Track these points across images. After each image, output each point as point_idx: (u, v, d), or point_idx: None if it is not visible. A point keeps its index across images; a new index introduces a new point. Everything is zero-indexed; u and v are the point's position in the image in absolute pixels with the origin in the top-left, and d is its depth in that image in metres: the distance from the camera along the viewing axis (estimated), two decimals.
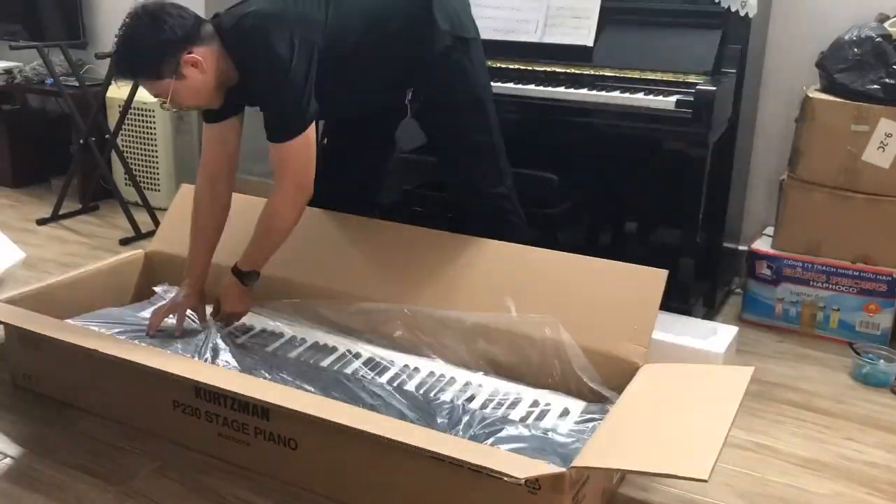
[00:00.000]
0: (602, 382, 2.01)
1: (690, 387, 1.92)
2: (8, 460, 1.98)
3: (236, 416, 1.91)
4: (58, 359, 2.18)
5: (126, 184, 4.00)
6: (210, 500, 1.84)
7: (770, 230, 2.84)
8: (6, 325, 2.21)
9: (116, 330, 2.23)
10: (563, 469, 1.57)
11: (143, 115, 3.86)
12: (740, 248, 2.99)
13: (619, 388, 1.90)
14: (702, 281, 2.75)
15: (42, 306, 2.23)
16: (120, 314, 2.38)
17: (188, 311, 2.25)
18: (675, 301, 2.58)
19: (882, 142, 2.53)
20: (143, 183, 3.96)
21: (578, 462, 1.59)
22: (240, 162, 4.13)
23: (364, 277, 2.34)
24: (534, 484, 1.59)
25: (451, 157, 2.35)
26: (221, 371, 2.05)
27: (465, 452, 1.63)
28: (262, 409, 1.86)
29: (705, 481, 1.47)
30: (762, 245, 2.79)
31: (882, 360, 2.43)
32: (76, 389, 2.18)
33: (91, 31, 4.29)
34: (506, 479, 1.55)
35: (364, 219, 2.46)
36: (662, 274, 2.02)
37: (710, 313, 2.83)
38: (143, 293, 2.58)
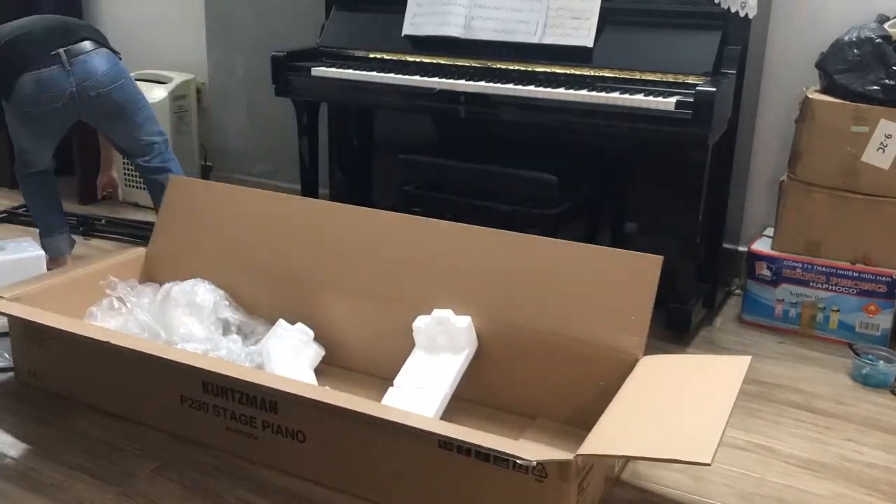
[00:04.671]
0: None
1: (690, 376, 1.94)
2: (7, 460, 1.98)
3: (244, 410, 1.93)
4: (64, 355, 2.20)
5: (126, 184, 4.01)
6: (210, 500, 1.84)
7: (770, 231, 2.84)
8: (12, 322, 2.24)
9: None
10: (570, 456, 1.58)
11: None
12: (740, 248, 2.99)
13: (620, 381, 1.91)
14: (701, 282, 2.75)
15: (44, 305, 2.23)
16: None
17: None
18: (675, 302, 2.58)
19: (882, 143, 2.53)
20: (143, 184, 3.96)
21: (584, 449, 1.60)
22: (239, 162, 4.16)
23: (352, 266, 2.34)
24: (540, 471, 1.60)
25: None
26: (229, 364, 2.07)
27: (474, 437, 1.65)
28: (270, 402, 1.88)
29: (708, 465, 1.49)
30: (762, 246, 2.79)
31: (882, 361, 2.43)
32: (82, 386, 2.20)
33: None
34: (518, 461, 1.57)
35: (355, 208, 2.48)
36: (657, 260, 2.02)
37: (710, 314, 2.83)
38: None
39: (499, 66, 2.72)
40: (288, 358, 2.20)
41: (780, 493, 1.91)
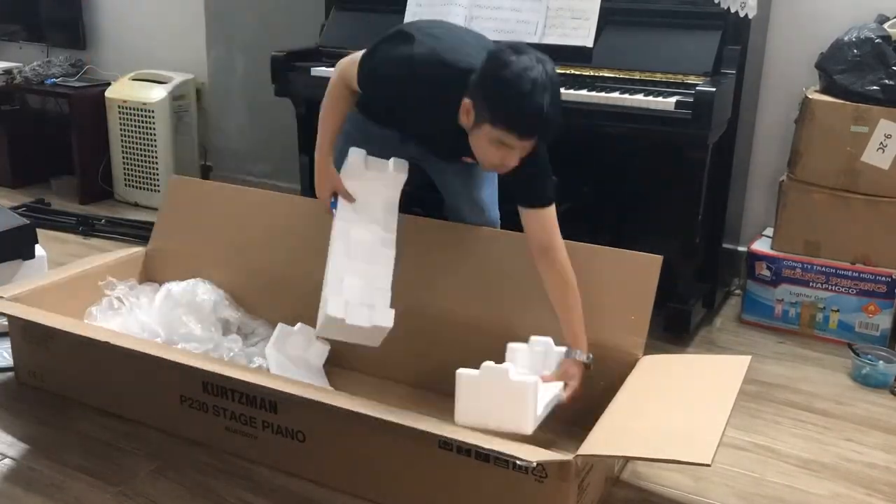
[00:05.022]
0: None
1: (690, 376, 1.94)
2: (7, 461, 1.98)
3: (244, 410, 1.93)
4: (64, 355, 2.20)
5: (125, 184, 4.02)
6: (210, 500, 1.84)
7: (769, 231, 2.84)
8: (12, 322, 2.24)
9: None
10: (570, 457, 1.58)
11: (142, 116, 3.86)
12: (740, 248, 2.99)
13: (620, 380, 1.91)
14: (701, 282, 2.75)
15: (43, 305, 2.23)
16: None
17: None
18: (675, 302, 2.58)
19: (881, 143, 2.53)
20: (143, 183, 3.97)
21: (584, 450, 1.60)
22: (239, 162, 4.16)
23: None
24: (540, 472, 1.60)
25: None
26: (229, 364, 2.07)
27: (474, 438, 1.66)
28: (270, 402, 1.89)
29: (708, 465, 1.49)
30: (761, 246, 2.79)
31: (881, 361, 2.43)
32: (82, 386, 2.20)
33: (91, 32, 4.29)
34: (518, 462, 1.58)
35: None
36: (657, 260, 2.03)
37: (710, 314, 2.83)
38: None
39: None
40: (290, 365, 2.20)
41: (780, 493, 1.91)
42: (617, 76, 2.58)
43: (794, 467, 2.01)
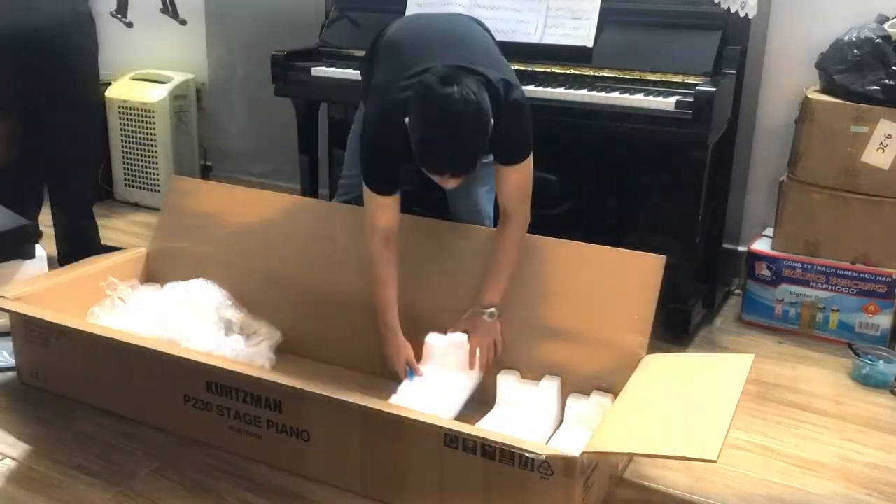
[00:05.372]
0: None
1: (693, 375, 1.95)
2: (7, 461, 1.98)
3: (248, 409, 1.93)
4: (67, 355, 2.20)
5: (125, 184, 4.01)
6: (209, 500, 1.84)
7: (769, 231, 2.84)
8: (15, 323, 2.25)
9: None
10: (576, 454, 1.58)
11: (142, 115, 3.86)
12: (740, 248, 2.99)
13: (623, 379, 1.91)
14: (701, 282, 2.75)
15: (45, 305, 2.24)
16: None
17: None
18: (674, 302, 2.58)
19: (881, 143, 2.53)
20: (143, 183, 3.96)
21: (590, 447, 1.61)
22: (239, 162, 4.15)
23: (353, 266, 2.34)
24: (546, 469, 1.61)
25: None
26: (234, 362, 2.07)
27: (480, 432, 1.67)
28: (275, 402, 1.89)
29: (714, 461, 1.50)
30: (762, 246, 2.79)
31: (881, 361, 2.43)
32: (85, 386, 2.20)
33: None
34: (527, 454, 1.59)
35: (355, 207, 2.46)
36: (660, 260, 2.04)
37: (710, 314, 2.83)
38: None
39: None
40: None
41: (780, 492, 1.91)
42: (617, 76, 2.58)
43: (794, 467, 2.01)
